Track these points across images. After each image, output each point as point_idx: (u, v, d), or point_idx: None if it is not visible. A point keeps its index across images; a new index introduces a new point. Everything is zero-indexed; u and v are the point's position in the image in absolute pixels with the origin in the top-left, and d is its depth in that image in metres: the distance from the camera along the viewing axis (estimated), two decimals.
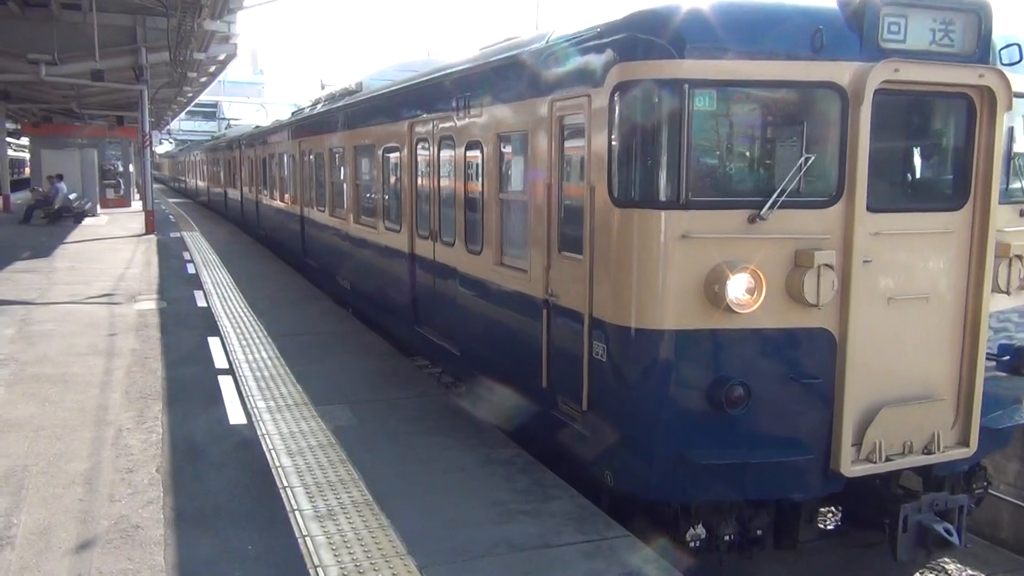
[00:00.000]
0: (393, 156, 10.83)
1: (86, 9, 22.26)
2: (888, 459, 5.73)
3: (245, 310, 13.74)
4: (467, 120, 8.16)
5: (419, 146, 9.76)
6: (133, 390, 9.11)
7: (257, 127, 26.42)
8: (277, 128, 20.85)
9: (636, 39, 5.60)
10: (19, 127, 43.99)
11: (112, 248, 23.19)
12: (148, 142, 28.79)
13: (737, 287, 5.39)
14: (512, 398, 7.49)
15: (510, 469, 6.86)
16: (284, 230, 19.71)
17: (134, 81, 26.72)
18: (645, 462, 5.75)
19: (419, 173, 9.88)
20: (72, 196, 31.93)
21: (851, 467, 5.63)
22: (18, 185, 53.32)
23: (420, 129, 9.59)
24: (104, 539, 5.60)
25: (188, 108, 55.67)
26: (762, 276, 5.43)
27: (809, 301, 5.43)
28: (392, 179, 11.03)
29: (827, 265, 5.43)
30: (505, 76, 7.44)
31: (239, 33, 25.18)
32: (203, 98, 53.95)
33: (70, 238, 25.63)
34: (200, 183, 43.08)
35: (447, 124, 8.70)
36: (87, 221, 31.51)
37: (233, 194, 29.36)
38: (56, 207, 30.66)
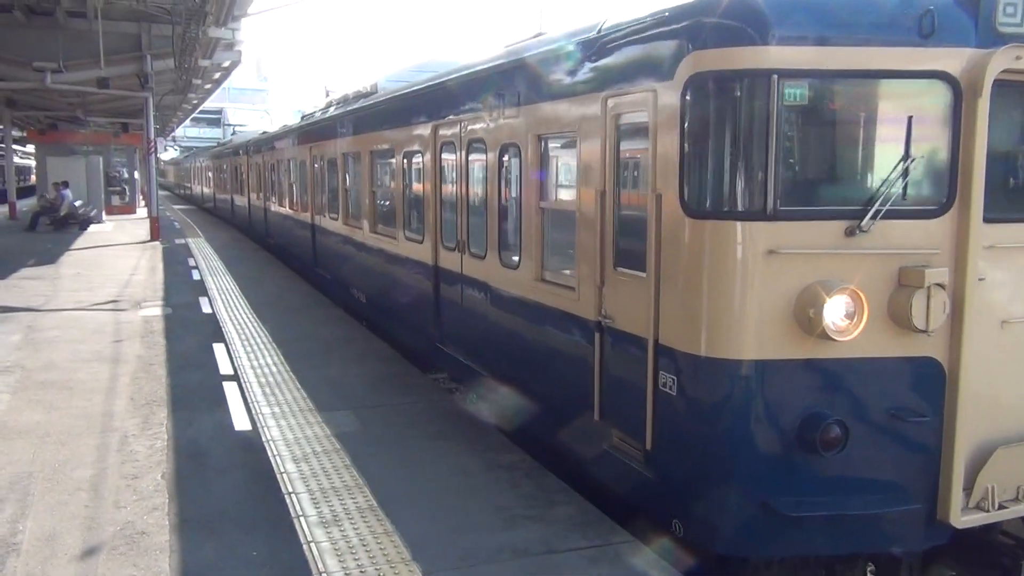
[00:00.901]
0: (414, 161, 10.14)
1: (91, 17, 22.36)
2: (1000, 506, 5.02)
3: (250, 316, 13.76)
4: (502, 121, 7.45)
5: (444, 150, 9.04)
6: (138, 396, 9.13)
7: (264, 132, 25.93)
8: (287, 133, 20.27)
9: (713, 24, 4.87)
10: (25, 134, 44.18)
11: (117, 255, 23.26)
12: (153, 149, 28.90)
13: (835, 311, 4.73)
14: (555, 429, 6.83)
15: (515, 474, 6.85)
16: (294, 238, 19.13)
17: (139, 88, 26.84)
18: (722, 511, 5.07)
19: (444, 179, 9.16)
20: (77, 203, 32.04)
21: (961, 517, 4.93)
22: (24, 192, 53.56)
23: (446, 132, 8.90)
24: (109, 545, 5.61)
25: (193, 115, 55.82)
26: (863, 298, 4.76)
27: (917, 326, 4.76)
28: (413, 186, 10.30)
29: (938, 284, 4.76)
30: (548, 71, 6.68)
31: (243, 40, 25.24)
32: (208, 105, 54.06)
33: (75, 245, 25.72)
34: (206, 189, 43.11)
35: (477, 126, 8.03)
36: (92, 228, 31.61)
37: (240, 201, 29.02)
38: (62, 214, 30.79)
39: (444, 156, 9.11)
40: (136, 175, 43.14)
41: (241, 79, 77.07)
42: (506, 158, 7.49)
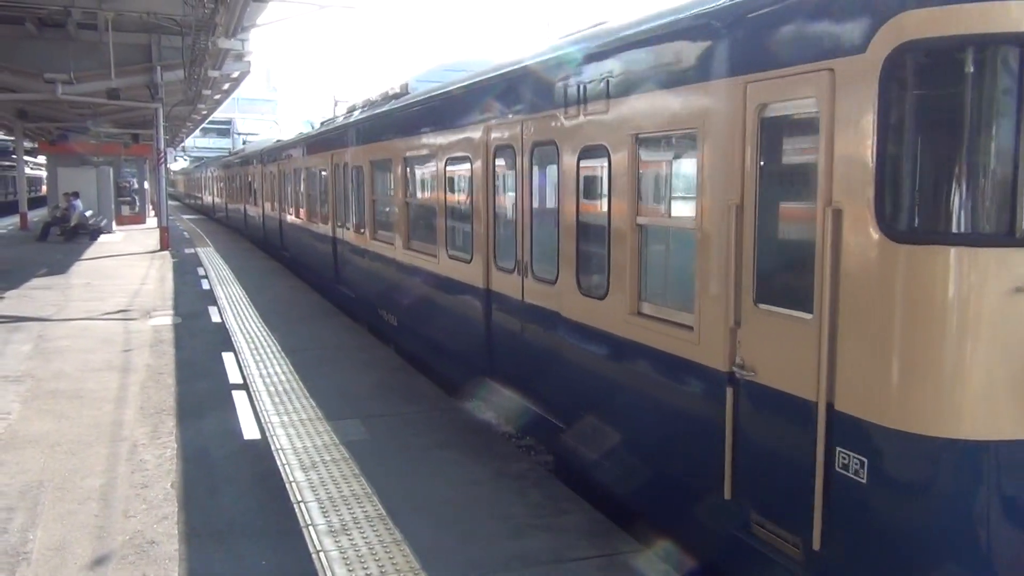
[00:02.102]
0: (460, 169, 8.91)
1: (102, 28, 22.57)
2: None
3: (259, 325, 13.80)
4: (581, 119, 6.20)
5: (499, 155, 7.81)
6: (148, 405, 9.16)
7: (279, 140, 25.10)
8: (305, 139, 19.00)
9: None
10: (36, 145, 44.53)
11: (127, 265, 23.37)
12: (163, 159, 29.06)
13: None
14: (660, 502, 5.59)
15: (523, 483, 6.84)
16: (313, 253, 17.92)
17: (149, 99, 27.05)
18: None
19: (499, 189, 7.92)
20: (88, 213, 32.27)
21: None
22: (35, 203, 53.98)
23: (502, 134, 7.64)
24: (119, 555, 5.62)
25: (202, 125, 56.14)
26: None
27: None
28: (458, 197, 9.15)
29: None
30: (652, 55, 5.40)
31: (253, 51, 25.48)
32: (217, 115, 54.37)
33: (86, 255, 25.86)
34: (217, 200, 43.03)
35: (547, 125, 6.77)
36: (103, 238, 31.80)
37: (253, 211, 28.33)
38: (72, 224, 31.00)
39: (499, 162, 7.88)
40: (146, 185, 43.40)
41: (250, 89, 77.40)
42: (588, 164, 6.24)
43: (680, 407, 5.23)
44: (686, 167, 5.28)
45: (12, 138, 38.27)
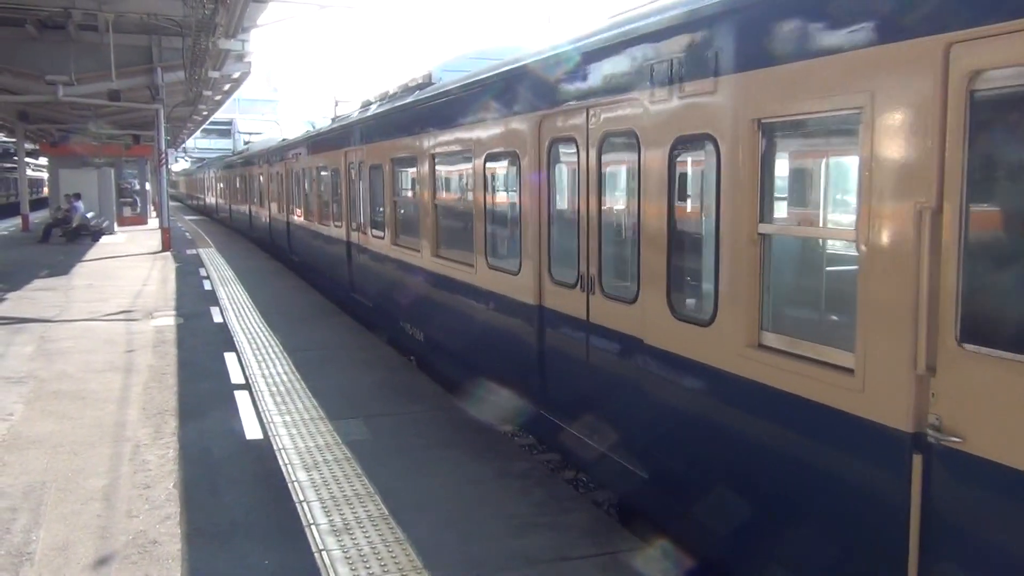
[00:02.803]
0: (504, 166, 7.96)
1: (102, 30, 22.58)
2: None
3: (260, 325, 13.81)
4: (675, 102, 5.07)
5: (556, 149, 6.84)
6: (150, 406, 9.17)
7: (284, 139, 24.39)
8: (316, 137, 18.02)
9: None
10: (37, 147, 44.58)
11: (129, 265, 23.40)
12: (164, 160, 29.08)
13: None
14: None
15: (526, 482, 6.84)
16: (324, 257, 16.98)
17: (150, 100, 27.08)
18: None
19: (556, 189, 6.96)
20: (89, 215, 32.31)
21: None
22: (36, 204, 54.06)
23: (560, 124, 6.64)
24: (122, 555, 5.63)
25: (203, 126, 56.16)
26: None
27: None
28: (502, 198, 8.21)
29: None
30: (792, 13, 4.18)
31: (253, 51, 25.43)
32: (218, 116, 54.35)
33: (88, 256, 25.89)
34: (220, 200, 42.86)
35: (623, 113, 5.72)
36: (104, 239, 31.84)
37: (258, 213, 27.74)
38: (74, 226, 31.05)
39: (556, 157, 6.92)
40: (147, 186, 43.45)
41: (251, 90, 77.21)
42: (685, 158, 5.25)
43: (828, 472, 4.06)
44: (840, 159, 4.40)
45: (13, 140, 38.37)
